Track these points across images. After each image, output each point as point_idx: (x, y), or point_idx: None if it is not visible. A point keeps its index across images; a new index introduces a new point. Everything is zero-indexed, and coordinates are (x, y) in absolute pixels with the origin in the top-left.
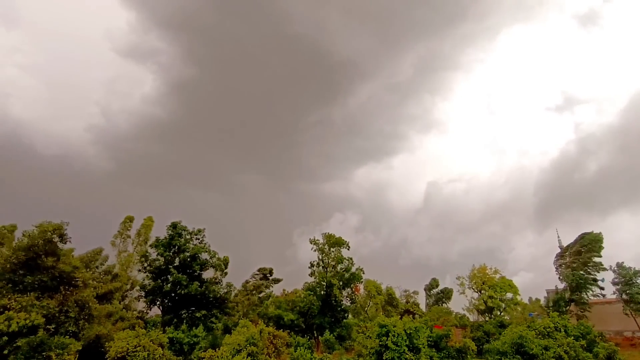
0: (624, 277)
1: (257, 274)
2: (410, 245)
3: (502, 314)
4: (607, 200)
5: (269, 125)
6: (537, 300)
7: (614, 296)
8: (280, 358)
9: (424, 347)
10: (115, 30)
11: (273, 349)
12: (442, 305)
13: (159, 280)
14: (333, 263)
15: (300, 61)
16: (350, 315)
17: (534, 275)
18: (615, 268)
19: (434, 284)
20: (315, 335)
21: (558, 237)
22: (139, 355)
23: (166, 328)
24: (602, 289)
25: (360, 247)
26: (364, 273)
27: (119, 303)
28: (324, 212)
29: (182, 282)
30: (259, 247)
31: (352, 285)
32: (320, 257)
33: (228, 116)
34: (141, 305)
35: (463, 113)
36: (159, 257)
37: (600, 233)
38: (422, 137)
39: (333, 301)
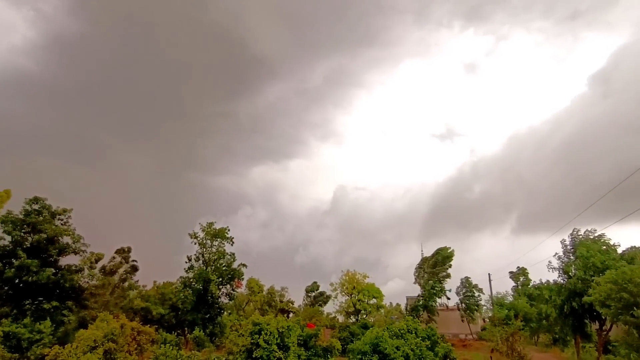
0: (465, 289)
1: (114, 257)
2: (310, 246)
3: (367, 316)
4: (477, 221)
5: (165, 107)
6: (399, 305)
7: (456, 304)
8: (142, 356)
9: (293, 346)
10: None
11: (135, 345)
12: (318, 306)
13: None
14: (214, 257)
15: (211, 48)
16: (228, 313)
17: (405, 283)
18: (461, 280)
19: (314, 287)
20: (186, 331)
21: (421, 250)
22: None
23: (2, 320)
24: (448, 298)
25: (254, 244)
26: (245, 268)
27: None
28: (215, 206)
29: (32, 267)
30: (140, 236)
31: (232, 282)
32: (200, 251)
33: (117, 87)
34: None
35: (359, 128)
36: (4, 235)
37: (451, 249)
38: (320, 144)
39: (209, 297)
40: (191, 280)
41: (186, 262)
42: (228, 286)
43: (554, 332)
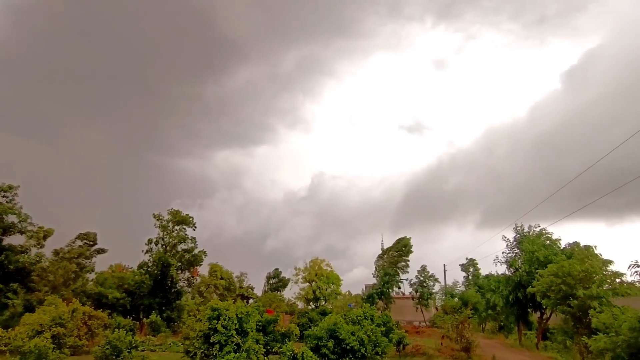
0: (421, 279)
1: (73, 242)
2: (281, 233)
3: (326, 303)
4: (445, 213)
5: (126, 83)
6: (357, 294)
7: (410, 293)
8: (93, 341)
9: (252, 331)
10: None
11: (86, 330)
12: (277, 292)
13: None
14: (175, 242)
15: (179, 25)
16: (188, 298)
17: (369, 271)
18: (418, 270)
19: (276, 273)
20: (142, 316)
21: (382, 240)
22: None
23: None
24: (399, 288)
25: (228, 229)
26: (206, 256)
27: None
28: (178, 189)
29: None
30: (100, 218)
31: (191, 267)
32: (161, 235)
33: (76, 58)
34: None
35: (328, 117)
36: None
37: (410, 238)
38: (288, 132)
39: (168, 282)
40: (149, 264)
41: (146, 245)
42: (187, 271)
43: (499, 321)
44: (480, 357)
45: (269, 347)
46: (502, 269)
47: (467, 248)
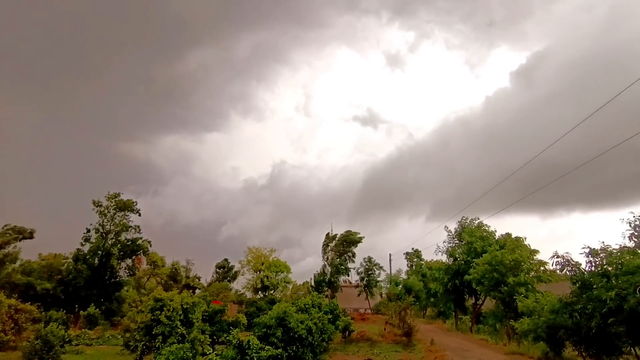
0: (367, 267)
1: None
2: (239, 221)
3: (274, 292)
4: (398, 204)
5: (66, 60)
6: (307, 282)
7: (356, 282)
8: (21, 336)
9: (197, 322)
10: None
11: (12, 325)
12: (227, 282)
13: None
14: (116, 230)
15: (128, 2)
16: (129, 289)
17: (321, 259)
18: (364, 259)
19: (224, 263)
20: (76, 309)
21: (331, 229)
22: None
23: None
24: (348, 276)
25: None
26: (150, 245)
27: None
28: (122, 174)
29: None
30: (36, 204)
31: (134, 256)
32: (101, 222)
33: (12, 33)
34: None
35: (281, 106)
36: None
37: (359, 233)
38: (241, 119)
39: (108, 272)
40: (86, 253)
41: (84, 233)
42: (129, 260)
43: (439, 307)
44: (420, 340)
45: (215, 337)
46: (443, 258)
47: (416, 238)
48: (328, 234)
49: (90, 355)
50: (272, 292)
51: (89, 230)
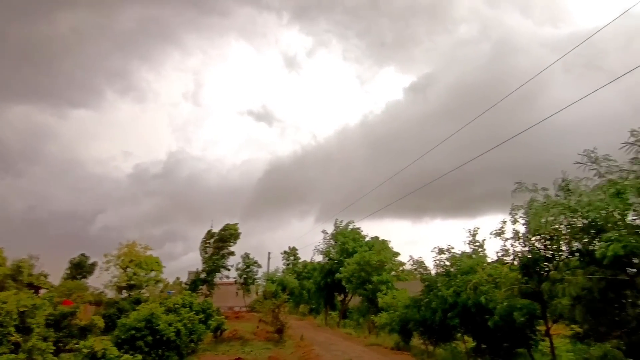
0: (245, 265)
1: None
2: (119, 212)
3: (143, 291)
4: (292, 203)
5: None
6: (178, 279)
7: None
8: None
9: (39, 327)
10: None
11: None
12: (81, 279)
13: None
14: None
15: None
16: None
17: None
18: (242, 256)
19: (81, 258)
20: None
21: (211, 226)
22: None
23: None
24: (227, 274)
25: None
26: None
27: None
28: None
29: None
30: None
31: None
32: None
33: None
34: None
35: (167, 91)
36: None
37: (236, 224)
38: (117, 98)
39: None
40: None
41: None
42: None
43: (312, 304)
44: (291, 337)
45: (61, 345)
46: (320, 259)
47: (302, 238)
48: (209, 230)
49: None
50: (139, 291)
51: None
